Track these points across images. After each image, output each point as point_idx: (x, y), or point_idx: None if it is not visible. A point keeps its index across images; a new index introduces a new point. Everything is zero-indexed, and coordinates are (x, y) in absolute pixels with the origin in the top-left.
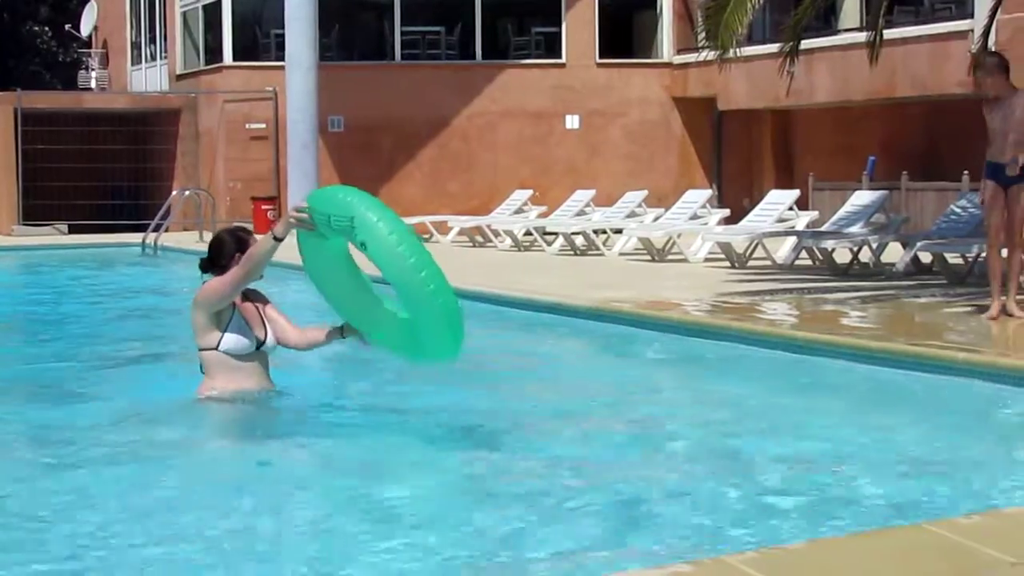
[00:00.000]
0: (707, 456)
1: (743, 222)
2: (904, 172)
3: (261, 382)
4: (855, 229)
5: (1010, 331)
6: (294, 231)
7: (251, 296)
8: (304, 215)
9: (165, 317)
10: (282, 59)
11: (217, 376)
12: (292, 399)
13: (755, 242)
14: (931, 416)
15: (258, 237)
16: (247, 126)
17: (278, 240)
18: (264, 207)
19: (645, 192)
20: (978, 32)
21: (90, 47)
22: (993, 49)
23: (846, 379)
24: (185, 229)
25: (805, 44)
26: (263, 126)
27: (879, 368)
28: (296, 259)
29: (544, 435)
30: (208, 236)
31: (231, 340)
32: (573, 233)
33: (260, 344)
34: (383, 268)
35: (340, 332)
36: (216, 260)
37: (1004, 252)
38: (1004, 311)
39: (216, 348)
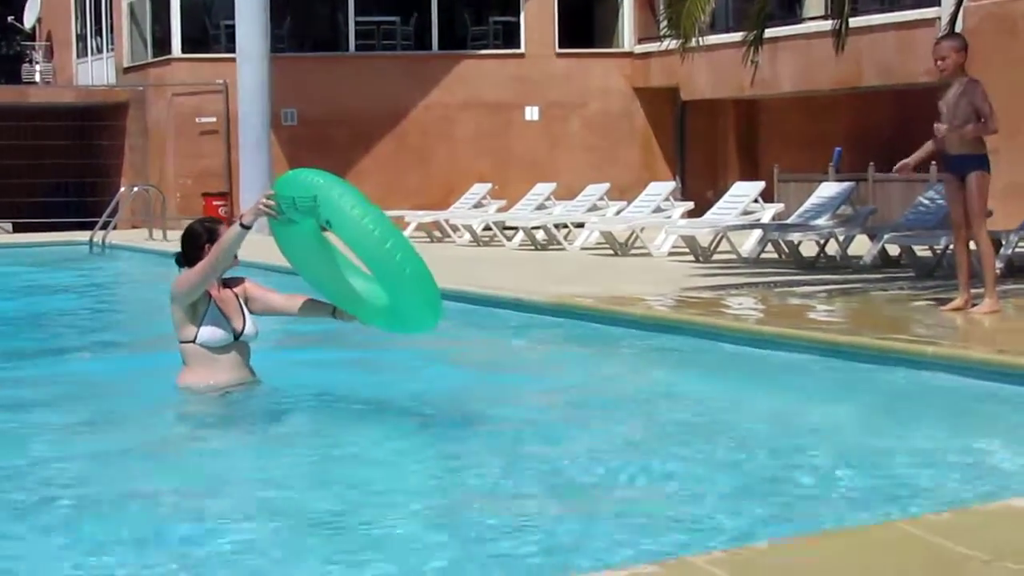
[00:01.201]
0: (672, 454)
1: (707, 215)
2: (871, 163)
3: (240, 374)
4: (821, 221)
5: (975, 324)
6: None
7: (229, 283)
8: (271, 201)
9: (113, 314)
10: (233, 51)
11: (196, 368)
12: (272, 391)
13: (719, 235)
14: (900, 410)
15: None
16: (197, 120)
17: (245, 228)
18: (215, 203)
19: (607, 185)
20: (945, 19)
21: (34, 39)
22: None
23: (813, 374)
24: (134, 227)
25: (769, 33)
26: (214, 120)
27: (847, 363)
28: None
29: (508, 431)
30: (158, 233)
31: (207, 333)
32: (534, 227)
33: (238, 335)
34: (350, 244)
35: (331, 311)
36: (188, 252)
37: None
38: (972, 304)
39: (193, 341)
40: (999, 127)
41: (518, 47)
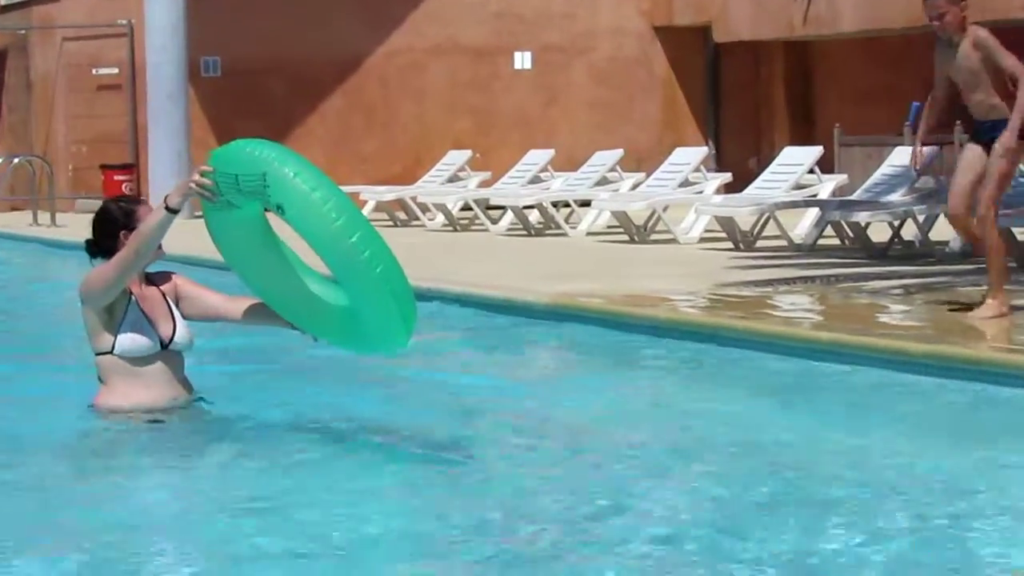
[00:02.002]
0: (707, 502)
1: (749, 189)
2: (958, 122)
3: (171, 390)
4: (895, 197)
5: None
6: (196, 200)
7: (155, 280)
8: (206, 180)
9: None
10: None
11: (116, 385)
12: (211, 410)
13: (765, 215)
14: (1003, 439)
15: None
16: (94, 71)
17: (172, 212)
18: (118, 178)
19: (620, 152)
20: None
21: None
22: None
23: (884, 393)
24: (14, 208)
25: None
26: (115, 71)
27: (926, 378)
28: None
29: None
30: (44, 217)
31: (127, 341)
32: (526, 207)
33: (166, 343)
34: (307, 235)
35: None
36: (101, 241)
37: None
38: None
39: (111, 352)
40: None
41: None
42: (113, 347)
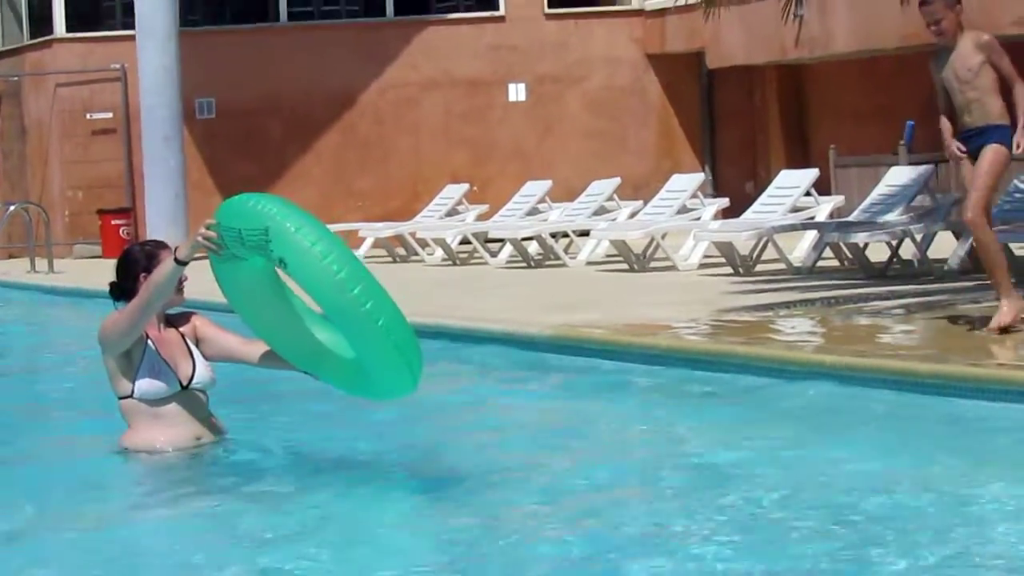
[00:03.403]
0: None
1: (746, 214)
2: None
3: (194, 430)
4: (892, 217)
5: None
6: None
7: (175, 321)
8: (212, 232)
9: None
10: (131, 27)
11: (139, 427)
12: (238, 451)
13: (764, 239)
14: (1007, 461)
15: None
16: (88, 116)
17: (181, 264)
18: (115, 222)
19: (617, 180)
20: None
21: None
22: None
23: (891, 414)
24: (11, 256)
25: None
26: (109, 115)
27: (934, 398)
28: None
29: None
30: (42, 264)
31: (145, 385)
32: (524, 239)
33: (185, 384)
34: (309, 288)
35: None
36: (123, 282)
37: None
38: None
39: (131, 396)
40: None
41: (497, 8)
42: (133, 391)
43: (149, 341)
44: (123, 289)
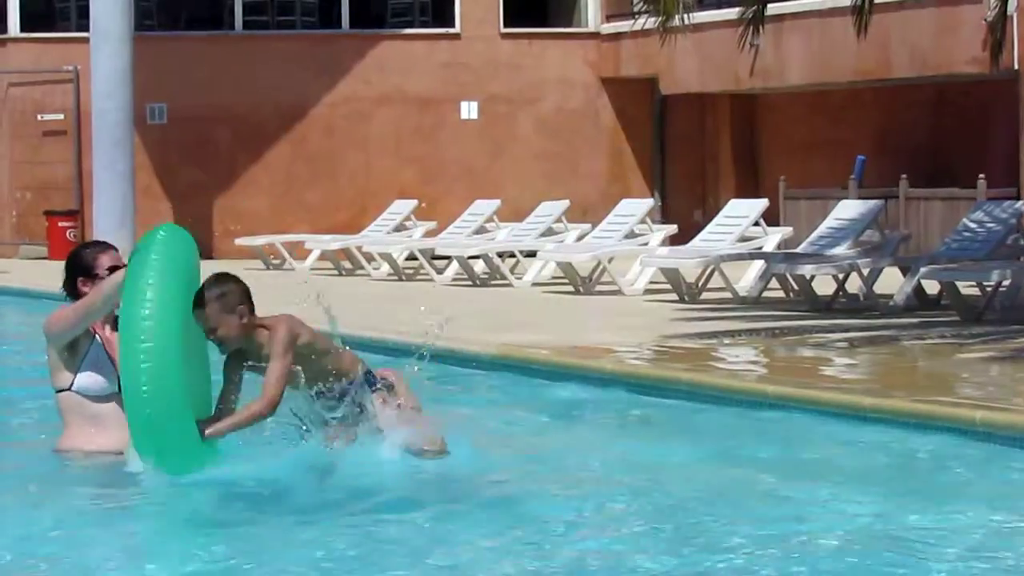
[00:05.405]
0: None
1: (694, 242)
2: (903, 176)
3: (127, 434)
4: (840, 250)
5: None
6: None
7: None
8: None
9: None
10: (86, 29)
11: (73, 424)
12: None
13: (711, 268)
14: (941, 489)
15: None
16: (39, 117)
17: None
18: (62, 224)
19: (566, 203)
20: None
21: None
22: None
23: (830, 446)
24: None
25: (773, 8)
26: (60, 117)
27: (874, 429)
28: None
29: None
30: None
31: (85, 379)
32: (471, 257)
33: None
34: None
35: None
36: (67, 284)
37: None
38: None
39: (70, 389)
40: None
41: (452, 25)
42: (72, 384)
43: (97, 337)
44: (69, 290)
